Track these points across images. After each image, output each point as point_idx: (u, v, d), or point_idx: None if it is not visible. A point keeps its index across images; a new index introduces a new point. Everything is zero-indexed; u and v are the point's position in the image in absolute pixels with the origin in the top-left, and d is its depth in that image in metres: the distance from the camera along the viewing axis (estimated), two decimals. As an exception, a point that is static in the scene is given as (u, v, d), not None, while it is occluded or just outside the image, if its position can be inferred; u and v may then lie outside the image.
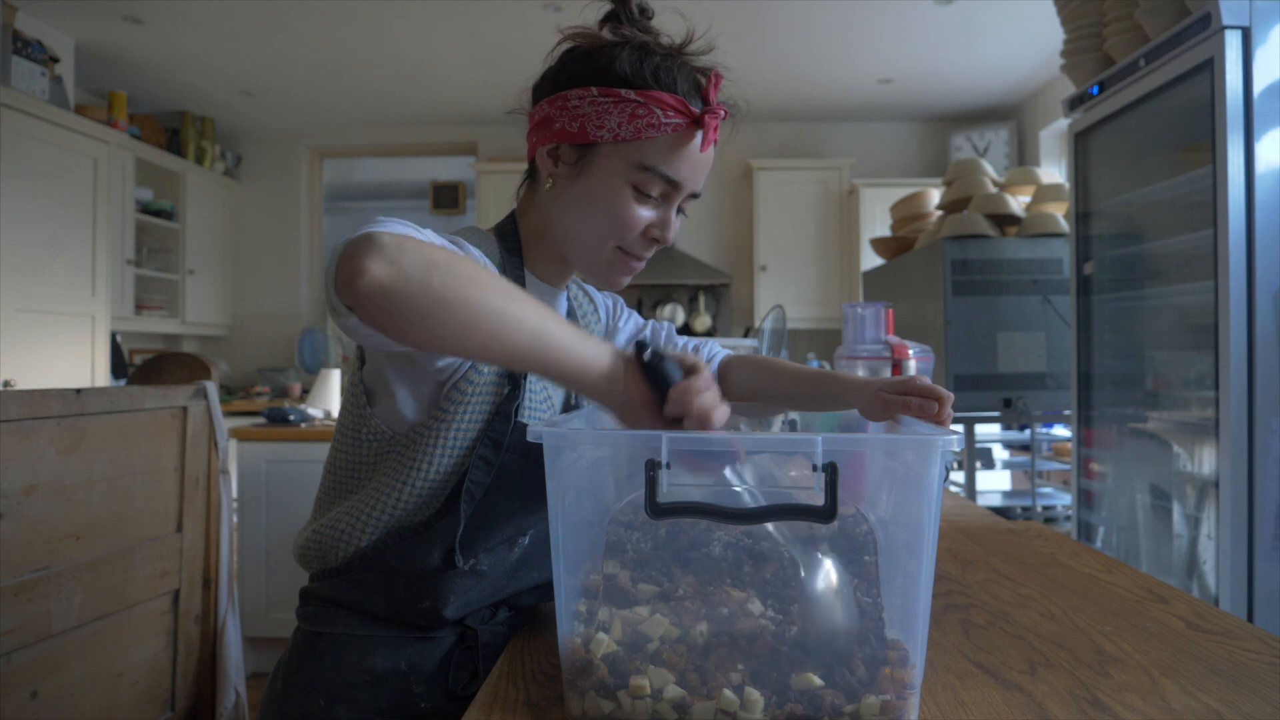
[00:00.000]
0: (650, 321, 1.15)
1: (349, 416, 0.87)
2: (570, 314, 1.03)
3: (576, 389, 0.70)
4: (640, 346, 0.70)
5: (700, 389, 0.68)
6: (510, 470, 0.83)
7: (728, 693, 0.59)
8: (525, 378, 0.84)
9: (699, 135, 0.85)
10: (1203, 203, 1.83)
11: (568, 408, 0.95)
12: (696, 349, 1.13)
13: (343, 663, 0.84)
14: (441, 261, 0.64)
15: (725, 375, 1.11)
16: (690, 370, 0.70)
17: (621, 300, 1.15)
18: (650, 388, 0.69)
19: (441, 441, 0.82)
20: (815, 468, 0.58)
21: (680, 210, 0.91)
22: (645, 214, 0.87)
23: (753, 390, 1.08)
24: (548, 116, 0.87)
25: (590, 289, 1.10)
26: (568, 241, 0.90)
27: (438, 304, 0.62)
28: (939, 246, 2.79)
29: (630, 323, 1.13)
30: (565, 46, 0.89)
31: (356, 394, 0.86)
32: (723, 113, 0.85)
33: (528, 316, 0.66)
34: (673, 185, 0.86)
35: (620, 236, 0.88)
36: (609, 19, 0.89)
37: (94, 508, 1.52)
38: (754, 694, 0.59)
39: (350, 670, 0.83)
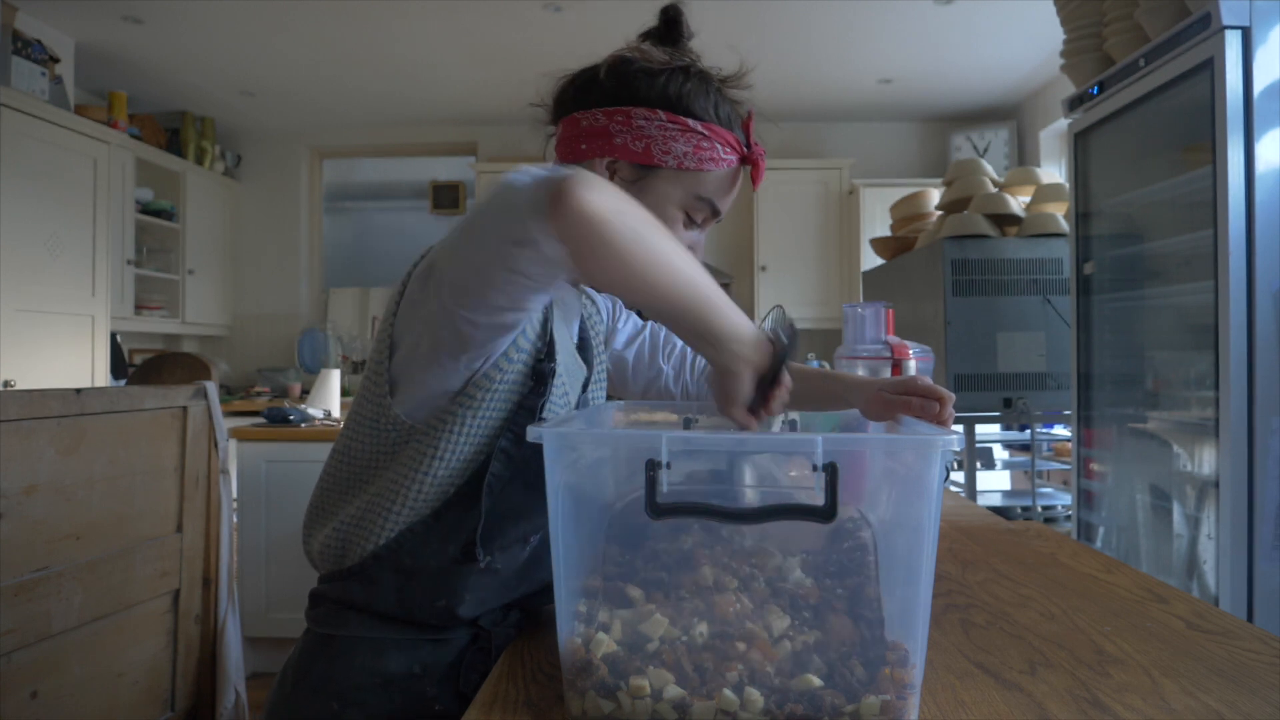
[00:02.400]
0: (649, 323, 1.15)
1: (367, 406, 0.85)
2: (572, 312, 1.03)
3: (711, 350, 0.75)
4: (788, 328, 0.79)
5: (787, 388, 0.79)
6: (529, 465, 0.83)
7: (728, 693, 0.59)
8: (552, 375, 0.84)
9: (742, 172, 0.91)
10: (1203, 203, 1.83)
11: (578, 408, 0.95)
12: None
13: (354, 665, 0.83)
14: (633, 203, 0.70)
15: None
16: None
17: (620, 302, 1.15)
18: (770, 365, 0.77)
19: (464, 428, 0.81)
20: (815, 468, 0.58)
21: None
22: (688, 237, 0.91)
23: None
24: (606, 129, 0.87)
25: (591, 290, 1.10)
26: None
27: (631, 239, 0.67)
28: (939, 246, 2.79)
29: (629, 324, 1.13)
30: (622, 57, 0.89)
31: (380, 383, 0.84)
32: (759, 149, 0.91)
33: (696, 274, 0.72)
34: (715, 215, 0.91)
35: None
36: (653, 37, 0.91)
37: (94, 508, 1.52)
38: (754, 694, 0.59)
39: (362, 673, 0.83)
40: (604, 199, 0.66)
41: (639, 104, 0.86)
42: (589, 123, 0.88)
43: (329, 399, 3.28)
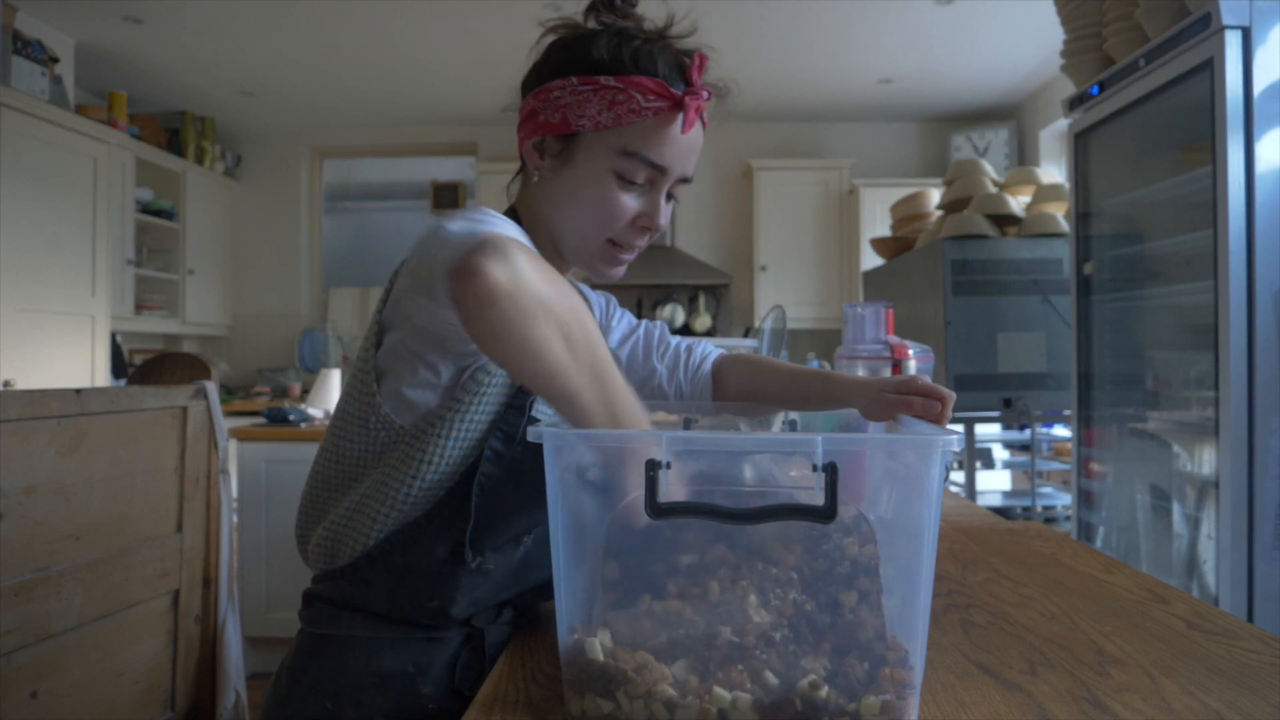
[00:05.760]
0: (643, 322, 1.14)
1: (355, 404, 0.85)
2: None
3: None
4: None
5: None
6: (520, 464, 0.83)
7: (727, 692, 0.59)
8: None
9: (681, 118, 0.84)
10: (1203, 203, 1.83)
11: None
12: (689, 349, 1.13)
13: (349, 664, 0.83)
14: (553, 307, 0.67)
15: (720, 376, 1.10)
16: None
17: (615, 300, 1.15)
18: None
19: (453, 432, 0.81)
20: (815, 468, 0.58)
21: (671, 196, 0.90)
22: (631, 202, 0.87)
23: (748, 391, 1.08)
24: (532, 110, 0.87)
25: (584, 288, 1.10)
26: (559, 234, 0.90)
27: (526, 342, 0.66)
28: (939, 246, 2.79)
29: (623, 322, 1.13)
30: (549, 40, 0.89)
31: (367, 379, 0.84)
32: (706, 94, 0.85)
33: (577, 379, 0.68)
34: (658, 170, 0.86)
35: (609, 227, 0.88)
36: (592, 8, 0.89)
37: (94, 508, 1.52)
38: (754, 693, 0.59)
39: (356, 672, 0.83)
40: (514, 284, 0.65)
41: (556, 77, 0.85)
42: (524, 109, 0.89)
43: (329, 399, 3.28)
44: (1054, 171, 3.91)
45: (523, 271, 0.65)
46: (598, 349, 0.70)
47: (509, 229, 0.73)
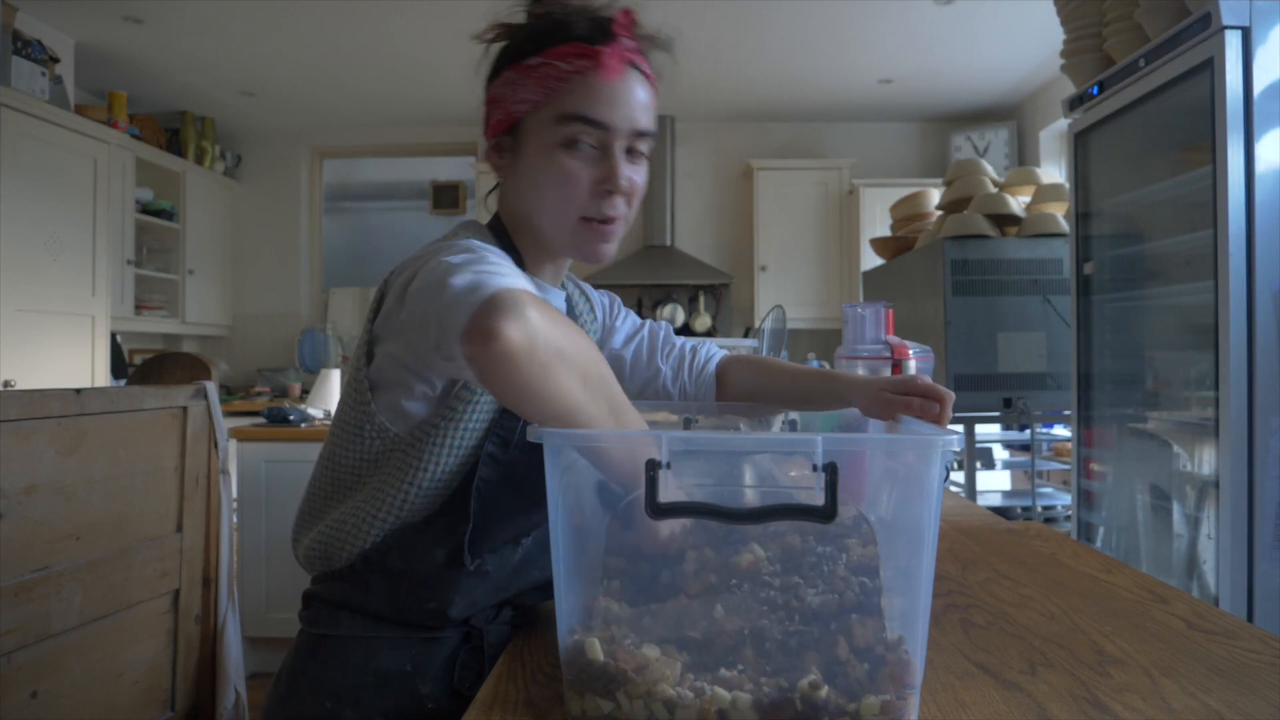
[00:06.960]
0: (648, 321, 1.14)
1: (350, 412, 0.85)
2: (569, 313, 1.02)
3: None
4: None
5: None
6: (517, 468, 0.83)
7: (724, 692, 0.59)
8: None
9: (629, 71, 0.84)
10: (1203, 203, 1.83)
11: None
12: (694, 350, 1.13)
13: (348, 665, 0.83)
14: (569, 355, 0.66)
15: (724, 376, 1.11)
16: None
17: (619, 299, 1.15)
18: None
19: (448, 441, 0.81)
20: (815, 468, 0.58)
21: (638, 154, 0.87)
22: (584, 168, 0.84)
23: (751, 391, 1.08)
24: (486, 118, 0.90)
25: (587, 287, 1.10)
26: (536, 225, 0.90)
27: (551, 397, 0.65)
28: (939, 246, 2.79)
29: (627, 322, 1.13)
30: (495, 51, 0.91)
31: (360, 389, 0.84)
32: (630, 42, 0.84)
33: (592, 418, 0.68)
34: (600, 127, 0.83)
35: (571, 198, 0.85)
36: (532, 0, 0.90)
37: (94, 508, 1.52)
38: (754, 693, 0.59)
39: (356, 672, 0.83)
40: (530, 344, 0.63)
41: (495, 79, 0.88)
42: (484, 123, 0.91)
43: (329, 399, 3.28)
44: (1054, 171, 3.91)
45: (536, 326, 0.64)
46: (612, 385, 0.71)
47: (506, 267, 0.71)
